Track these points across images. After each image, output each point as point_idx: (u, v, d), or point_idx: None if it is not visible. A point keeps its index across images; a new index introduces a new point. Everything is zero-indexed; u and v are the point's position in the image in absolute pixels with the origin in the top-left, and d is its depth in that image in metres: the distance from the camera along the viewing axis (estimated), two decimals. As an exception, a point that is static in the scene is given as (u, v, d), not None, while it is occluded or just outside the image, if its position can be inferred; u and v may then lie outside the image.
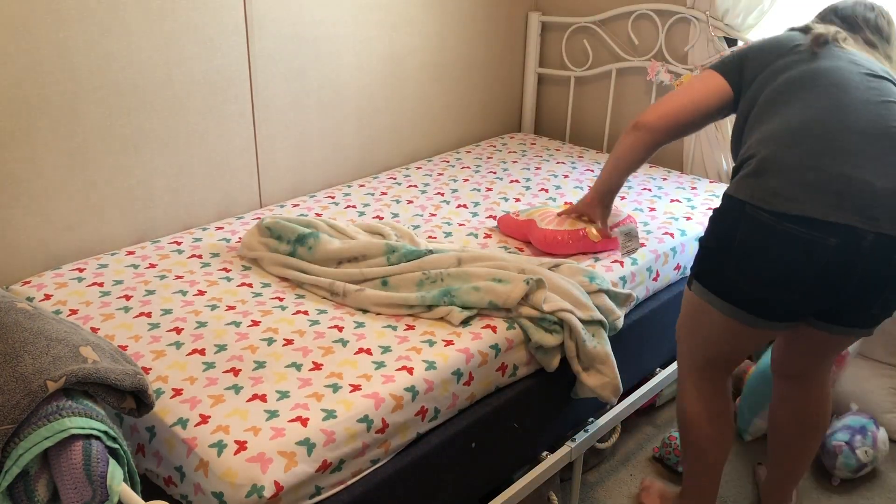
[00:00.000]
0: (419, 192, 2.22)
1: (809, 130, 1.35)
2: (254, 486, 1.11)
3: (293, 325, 1.49)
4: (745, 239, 1.36)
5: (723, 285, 1.43)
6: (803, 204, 1.29)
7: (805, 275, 1.33)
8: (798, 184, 1.31)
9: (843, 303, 1.38)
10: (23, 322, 1.12)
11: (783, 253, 1.32)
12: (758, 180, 1.35)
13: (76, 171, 1.76)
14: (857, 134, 1.32)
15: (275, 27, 2.05)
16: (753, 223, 1.34)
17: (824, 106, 1.37)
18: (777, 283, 1.36)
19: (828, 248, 1.30)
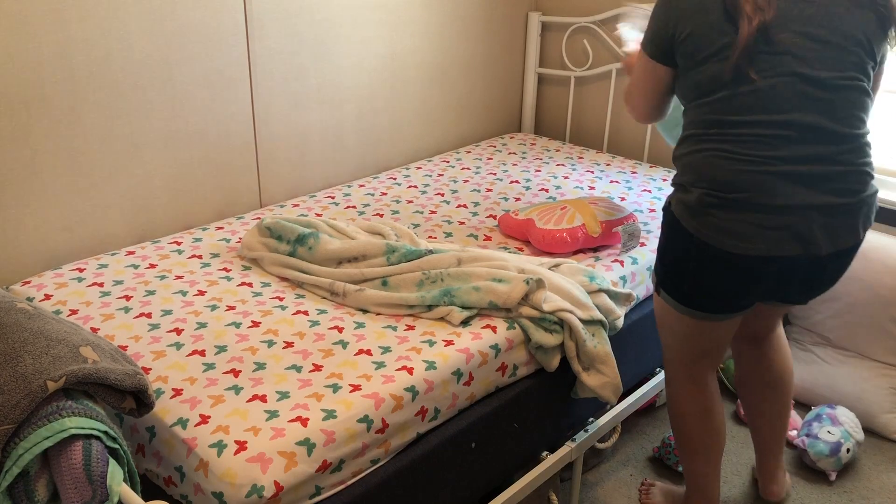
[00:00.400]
0: (419, 192, 2.22)
1: (743, 166, 1.34)
2: (254, 486, 1.11)
3: (293, 326, 1.49)
4: (697, 269, 1.45)
5: (683, 296, 1.52)
6: (752, 244, 1.36)
7: (756, 288, 1.45)
8: (747, 225, 1.35)
9: (790, 292, 1.52)
10: (23, 322, 1.12)
11: (736, 274, 1.42)
12: (702, 221, 1.39)
13: (76, 171, 1.76)
14: (799, 143, 1.33)
15: (275, 27, 2.05)
16: (703, 257, 1.42)
17: (759, 116, 1.33)
18: (732, 295, 1.47)
19: (776, 271, 1.41)
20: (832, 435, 1.98)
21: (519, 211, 1.94)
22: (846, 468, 2.05)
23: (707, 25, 1.36)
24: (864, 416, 2.18)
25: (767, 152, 1.34)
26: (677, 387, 1.67)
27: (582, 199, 1.95)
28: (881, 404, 2.16)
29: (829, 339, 2.30)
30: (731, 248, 1.37)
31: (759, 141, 1.35)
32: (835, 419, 2.03)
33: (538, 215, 1.87)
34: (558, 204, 1.92)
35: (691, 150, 1.44)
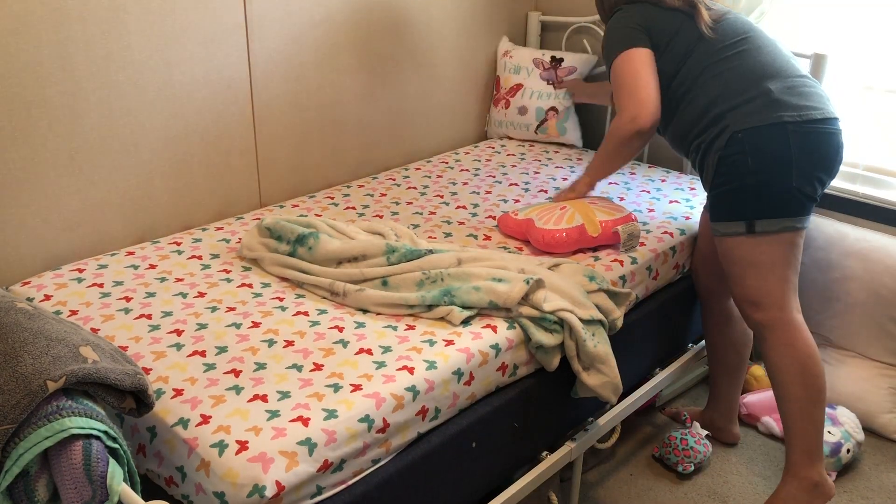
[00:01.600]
0: (419, 194, 2.22)
1: (778, 67, 1.72)
2: (255, 486, 1.11)
3: (293, 327, 1.49)
4: (801, 148, 1.65)
5: (792, 201, 1.67)
6: (823, 108, 1.68)
7: (839, 156, 1.71)
8: (806, 98, 1.68)
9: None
10: (23, 322, 1.12)
11: (831, 147, 1.68)
12: (785, 103, 1.66)
13: (76, 171, 1.76)
14: (795, 65, 1.76)
15: (275, 27, 2.05)
16: (801, 135, 1.65)
17: (768, 51, 1.75)
18: (823, 175, 1.69)
19: (841, 135, 1.71)
20: (832, 435, 1.98)
21: (518, 211, 1.93)
22: (846, 468, 2.05)
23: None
24: (864, 416, 2.18)
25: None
26: (793, 326, 1.72)
27: (581, 199, 1.95)
28: (881, 404, 2.17)
29: (829, 339, 2.30)
30: (814, 115, 1.66)
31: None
32: (835, 419, 2.04)
33: (538, 215, 1.87)
34: (557, 204, 1.92)
35: (711, 78, 1.75)
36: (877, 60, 2.20)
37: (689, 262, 2.03)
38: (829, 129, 1.67)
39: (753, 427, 2.21)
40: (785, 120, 1.64)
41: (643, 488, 1.97)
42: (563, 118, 2.69)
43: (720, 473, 2.03)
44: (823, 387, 1.71)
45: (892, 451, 2.13)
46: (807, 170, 1.66)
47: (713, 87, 1.72)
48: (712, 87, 1.73)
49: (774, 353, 1.73)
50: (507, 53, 2.71)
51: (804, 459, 1.72)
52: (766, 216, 1.68)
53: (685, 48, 1.76)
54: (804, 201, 1.68)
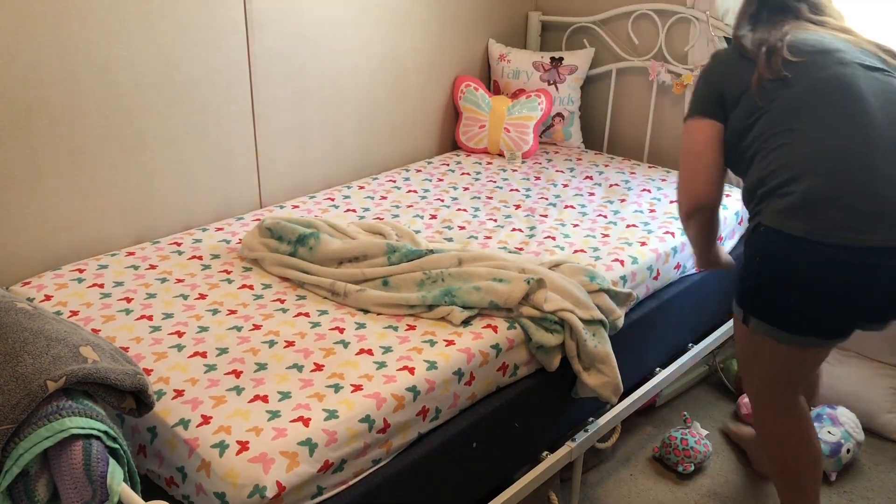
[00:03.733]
0: (419, 197, 2.21)
1: (843, 156, 1.36)
2: (256, 487, 1.11)
3: (294, 328, 1.49)
4: (808, 274, 1.39)
5: (789, 319, 1.45)
6: (862, 234, 1.33)
7: (870, 295, 1.38)
8: (852, 214, 1.34)
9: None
10: (23, 322, 1.12)
11: (847, 281, 1.37)
12: (809, 213, 1.36)
13: (76, 171, 1.76)
14: (885, 152, 1.36)
15: (275, 27, 2.05)
16: (813, 257, 1.37)
17: (848, 126, 1.38)
18: (844, 308, 1.40)
19: (889, 269, 1.35)
20: (832, 435, 1.98)
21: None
22: (846, 468, 2.05)
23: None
24: (864, 416, 2.18)
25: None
26: (770, 418, 1.61)
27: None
28: (881, 404, 2.17)
29: (829, 339, 2.30)
30: (840, 240, 1.33)
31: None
32: (835, 420, 2.04)
33: None
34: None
35: (769, 152, 1.44)
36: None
37: (689, 261, 2.03)
38: (860, 262, 1.34)
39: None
40: (802, 237, 1.36)
41: (643, 488, 1.97)
42: (568, 123, 2.69)
43: (720, 473, 2.03)
44: (799, 475, 1.62)
45: (892, 451, 2.12)
46: (813, 297, 1.40)
47: (764, 166, 1.46)
48: (764, 164, 1.46)
49: (754, 427, 1.71)
50: (504, 57, 2.70)
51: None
52: (758, 318, 1.50)
53: (759, 105, 1.49)
54: (805, 324, 1.44)
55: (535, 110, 2.57)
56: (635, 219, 2.07)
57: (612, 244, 1.90)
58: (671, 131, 2.63)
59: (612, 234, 1.96)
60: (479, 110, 2.60)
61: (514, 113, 2.57)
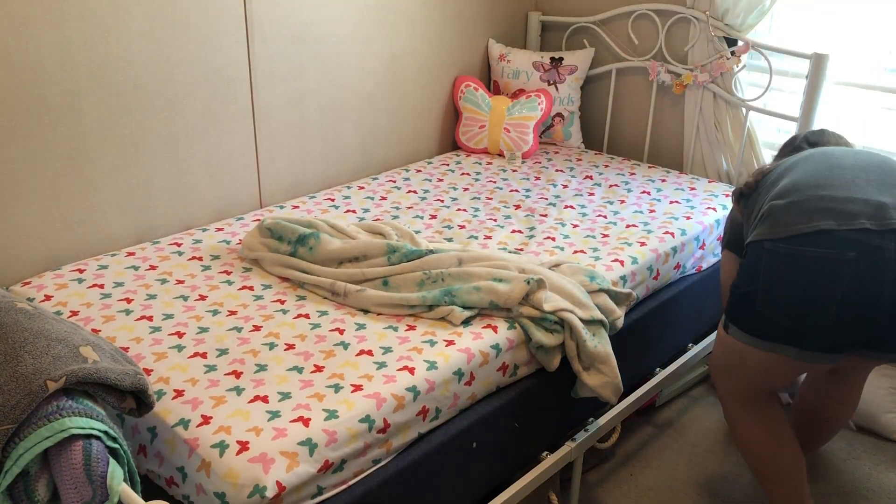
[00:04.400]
0: (419, 198, 2.21)
1: (811, 179, 1.47)
2: (256, 487, 1.11)
3: (294, 329, 1.49)
4: (768, 273, 1.43)
5: (759, 325, 1.48)
6: (817, 222, 1.37)
7: (833, 294, 1.36)
8: (808, 210, 1.40)
9: (885, 327, 1.39)
10: (23, 322, 1.12)
11: (807, 276, 1.38)
12: (772, 220, 1.45)
13: (76, 171, 1.76)
14: (850, 169, 1.46)
15: (275, 27, 2.05)
16: (773, 256, 1.42)
17: (819, 162, 1.52)
18: (808, 310, 1.39)
19: (848, 261, 1.34)
20: None
21: None
22: (846, 468, 2.05)
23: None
24: (864, 416, 2.18)
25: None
26: (740, 420, 1.65)
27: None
28: (881, 404, 2.17)
29: (829, 339, 2.30)
30: (794, 231, 1.38)
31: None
32: None
33: None
34: None
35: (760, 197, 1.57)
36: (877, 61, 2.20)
37: (689, 261, 2.03)
38: (816, 252, 1.36)
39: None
40: (765, 239, 1.44)
41: (643, 488, 1.97)
42: (568, 123, 2.69)
43: (720, 473, 2.03)
44: (780, 473, 1.63)
45: (892, 451, 2.13)
46: (774, 296, 1.43)
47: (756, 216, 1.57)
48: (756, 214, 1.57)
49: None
50: (504, 57, 2.70)
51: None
52: (734, 324, 1.55)
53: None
54: (770, 329, 1.46)
55: (534, 110, 2.57)
56: (635, 219, 2.07)
57: (611, 244, 1.90)
58: (671, 131, 2.63)
59: (611, 235, 1.96)
60: (479, 110, 2.60)
61: (514, 113, 2.57)
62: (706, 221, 2.09)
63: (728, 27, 2.36)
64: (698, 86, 2.46)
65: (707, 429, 2.21)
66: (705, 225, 2.07)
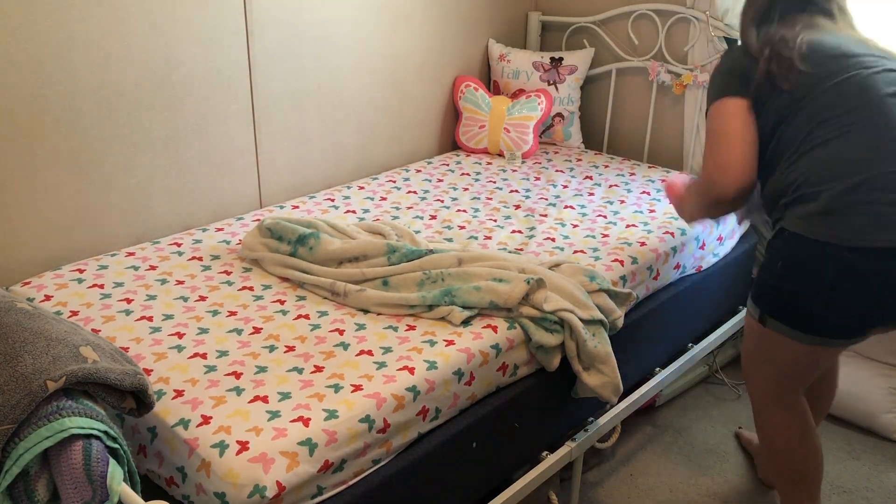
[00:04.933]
0: (419, 198, 2.21)
1: (866, 163, 1.37)
2: (256, 487, 1.11)
3: (294, 331, 1.48)
4: (831, 279, 1.39)
5: (810, 322, 1.46)
6: (888, 235, 1.33)
7: (892, 297, 1.38)
8: (878, 217, 1.34)
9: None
10: (23, 322, 1.12)
11: (874, 286, 1.37)
12: (834, 219, 1.37)
13: (76, 171, 1.76)
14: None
15: (275, 27, 2.05)
16: (839, 262, 1.37)
17: (872, 133, 1.38)
18: (871, 311, 1.41)
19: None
20: None
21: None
22: (846, 468, 2.05)
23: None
24: (864, 416, 2.18)
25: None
26: (773, 416, 1.62)
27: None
28: (881, 404, 2.17)
29: (828, 339, 2.30)
30: (866, 243, 1.33)
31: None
32: None
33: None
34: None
35: (795, 161, 1.44)
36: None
37: (689, 261, 2.03)
38: (883, 265, 1.36)
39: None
40: (826, 241, 1.37)
41: (643, 488, 1.97)
42: (568, 123, 2.70)
43: (720, 473, 2.03)
44: (802, 474, 1.63)
45: (892, 451, 2.13)
46: (841, 304, 1.41)
47: (787, 174, 1.47)
48: (787, 172, 1.47)
49: (755, 429, 1.74)
50: (504, 57, 2.70)
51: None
52: (777, 319, 1.50)
53: (780, 113, 1.49)
54: (826, 327, 1.46)
55: (534, 110, 2.57)
56: (635, 219, 2.07)
57: (611, 244, 1.90)
58: (671, 131, 2.63)
59: (611, 235, 1.96)
60: (479, 110, 2.60)
61: (514, 113, 2.57)
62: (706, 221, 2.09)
63: (728, 27, 2.36)
64: (698, 86, 2.46)
65: (707, 429, 2.21)
66: (705, 225, 2.07)
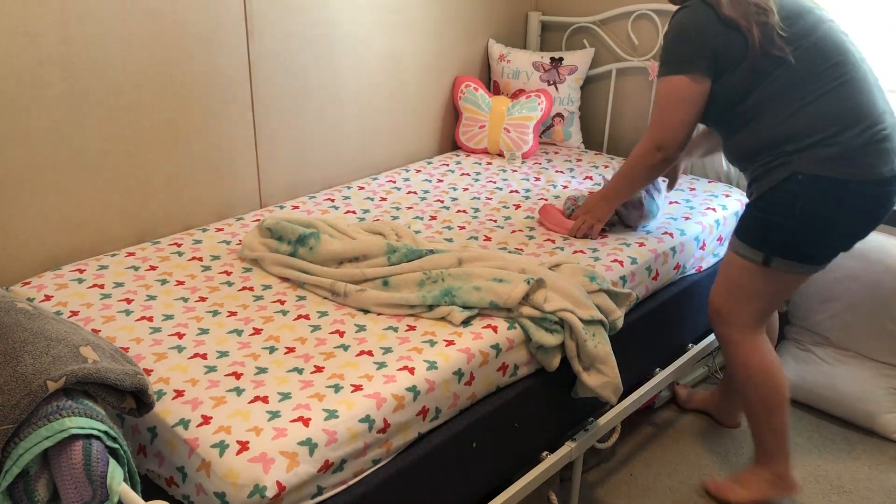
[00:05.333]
0: (418, 198, 2.21)
1: (865, 110, 1.60)
2: (256, 487, 1.11)
3: (295, 332, 1.48)
4: (852, 212, 1.61)
5: (821, 253, 1.67)
6: (887, 166, 1.59)
7: (885, 216, 1.66)
8: (883, 153, 1.59)
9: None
10: (23, 322, 1.12)
11: (876, 209, 1.63)
12: (851, 160, 1.58)
13: (76, 171, 1.76)
14: (881, 107, 1.63)
15: (275, 27, 2.05)
16: (858, 197, 1.60)
17: (859, 84, 1.62)
18: (864, 232, 1.66)
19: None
20: None
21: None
22: (846, 468, 2.05)
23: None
24: (864, 416, 2.18)
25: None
26: (751, 345, 1.78)
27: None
28: (881, 404, 2.17)
29: (829, 339, 2.30)
30: (882, 175, 1.58)
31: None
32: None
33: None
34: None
35: (794, 111, 1.62)
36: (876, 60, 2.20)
37: (688, 261, 2.03)
38: (888, 190, 1.62)
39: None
40: (851, 178, 1.58)
41: (643, 488, 1.97)
42: (568, 123, 2.70)
43: (720, 473, 2.03)
44: (781, 399, 1.79)
45: (892, 451, 2.13)
46: (851, 229, 1.65)
47: (791, 123, 1.62)
48: (790, 122, 1.62)
49: (732, 367, 1.86)
50: (504, 57, 2.70)
51: (766, 456, 1.85)
52: (787, 258, 1.67)
53: (760, 73, 1.64)
54: (831, 253, 1.69)
55: (534, 110, 2.57)
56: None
57: (611, 245, 1.90)
58: (671, 131, 2.63)
59: (610, 235, 1.96)
60: (479, 110, 2.60)
61: (514, 113, 2.57)
62: (706, 222, 2.09)
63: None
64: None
65: (706, 429, 2.21)
66: (705, 225, 2.07)
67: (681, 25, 1.68)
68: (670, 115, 1.71)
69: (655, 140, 1.74)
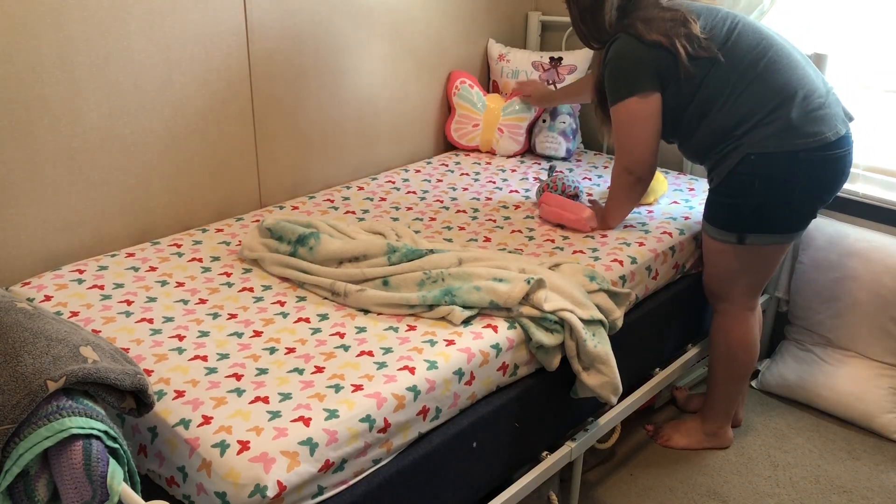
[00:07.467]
0: (418, 199, 2.21)
1: (798, 83, 1.72)
2: (257, 486, 1.11)
3: (295, 335, 1.48)
4: (807, 177, 1.72)
5: (789, 221, 1.78)
6: (837, 128, 1.71)
7: (843, 180, 1.78)
8: (824, 119, 1.71)
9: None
10: (23, 322, 1.12)
11: (835, 171, 1.74)
12: (796, 131, 1.69)
13: (76, 171, 1.76)
14: (812, 78, 1.76)
15: (275, 27, 2.05)
16: (810, 164, 1.70)
17: (786, 60, 1.74)
18: (829, 193, 1.78)
19: (851, 152, 1.77)
20: None
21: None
22: (846, 468, 2.05)
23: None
24: (863, 416, 2.18)
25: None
26: (747, 322, 1.92)
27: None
28: (881, 404, 2.17)
29: (829, 339, 2.30)
30: (825, 139, 1.68)
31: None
32: None
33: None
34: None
35: (735, 100, 1.74)
36: (876, 60, 2.21)
37: (689, 261, 2.03)
38: (838, 153, 1.72)
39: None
40: (798, 148, 1.69)
41: (643, 488, 1.97)
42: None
43: (720, 473, 2.03)
44: (747, 372, 1.99)
45: (892, 451, 2.13)
46: (810, 194, 1.76)
47: (734, 111, 1.74)
48: (733, 110, 1.74)
49: (712, 333, 2.01)
50: (504, 57, 2.70)
51: (713, 413, 2.05)
52: (759, 232, 1.79)
53: (697, 77, 1.76)
54: (800, 220, 1.81)
55: (528, 111, 2.57)
56: (633, 219, 2.07)
57: (610, 244, 1.90)
58: (671, 131, 2.63)
59: (610, 235, 1.96)
60: (473, 109, 2.60)
61: (509, 113, 2.57)
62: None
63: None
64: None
65: (707, 429, 2.21)
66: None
67: (617, 55, 1.80)
68: (631, 137, 1.83)
69: (623, 165, 1.87)
